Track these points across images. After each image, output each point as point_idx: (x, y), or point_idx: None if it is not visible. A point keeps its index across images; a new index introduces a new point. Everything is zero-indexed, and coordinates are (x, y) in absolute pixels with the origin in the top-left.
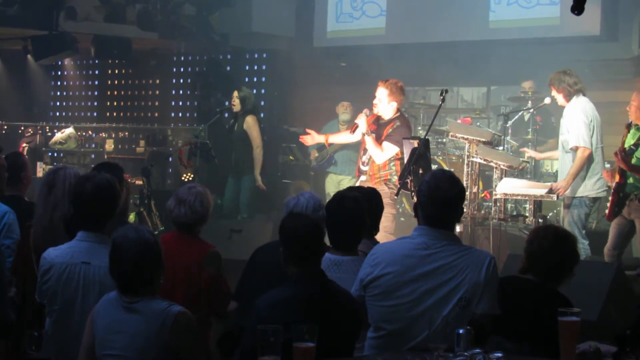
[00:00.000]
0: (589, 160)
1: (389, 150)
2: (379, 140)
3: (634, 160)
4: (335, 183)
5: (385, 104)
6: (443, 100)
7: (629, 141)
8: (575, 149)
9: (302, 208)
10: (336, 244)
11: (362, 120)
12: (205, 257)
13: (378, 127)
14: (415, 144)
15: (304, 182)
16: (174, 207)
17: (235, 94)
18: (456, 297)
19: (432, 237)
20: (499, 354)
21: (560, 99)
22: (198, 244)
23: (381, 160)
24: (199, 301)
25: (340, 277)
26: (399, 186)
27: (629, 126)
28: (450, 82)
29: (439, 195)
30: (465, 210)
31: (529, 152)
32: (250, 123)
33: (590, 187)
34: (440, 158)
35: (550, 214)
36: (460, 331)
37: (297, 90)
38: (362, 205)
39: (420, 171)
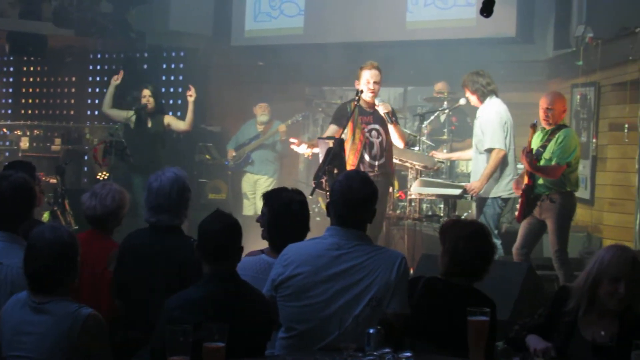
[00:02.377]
0: (503, 161)
1: (404, 133)
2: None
3: (542, 162)
4: (251, 182)
5: (378, 88)
6: (358, 100)
7: (537, 143)
8: (489, 151)
9: (165, 193)
10: (275, 246)
11: (384, 107)
12: (109, 255)
13: (375, 113)
14: (330, 143)
15: (221, 181)
16: (86, 200)
17: (147, 92)
18: (367, 297)
19: (343, 238)
20: (408, 354)
21: (473, 100)
22: (105, 243)
23: (405, 143)
24: (101, 301)
25: None
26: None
27: (534, 126)
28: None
29: (351, 196)
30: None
31: (438, 155)
32: (168, 121)
33: (503, 188)
34: None
35: (465, 214)
36: (371, 331)
37: (214, 89)
38: (307, 210)
39: (335, 171)
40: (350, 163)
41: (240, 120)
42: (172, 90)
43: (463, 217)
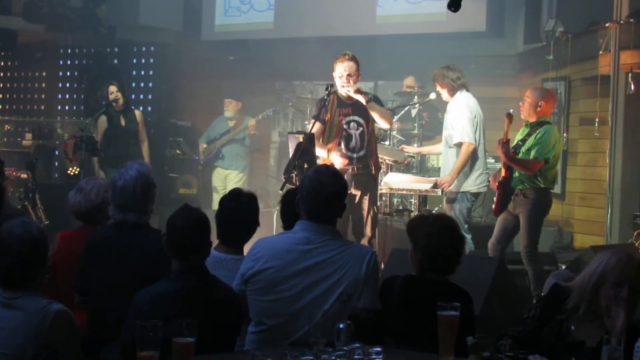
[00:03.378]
0: (472, 155)
1: (387, 113)
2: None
3: (519, 156)
4: (222, 177)
5: (354, 80)
6: (328, 94)
7: (518, 136)
8: (459, 145)
9: (129, 192)
10: (225, 240)
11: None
12: None
13: (354, 105)
14: (300, 138)
15: (191, 176)
16: (72, 197)
17: (114, 87)
18: (337, 292)
19: (313, 232)
20: (378, 348)
21: (444, 94)
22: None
23: (390, 122)
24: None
25: (220, 275)
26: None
27: (509, 116)
28: None
29: (321, 191)
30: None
31: (408, 149)
32: (140, 117)
33: (472, 183)
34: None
35: (436, 209)
36: (341, 326)
37: (185, 84)
38: (257, 204)
39: (305, 166)
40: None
41: (211, 115)
42: (142, 85)
43: (434, 211)
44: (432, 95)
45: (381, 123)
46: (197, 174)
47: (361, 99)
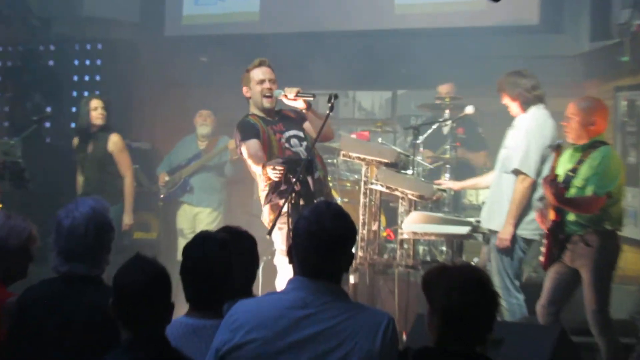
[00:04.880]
0: (529, 191)
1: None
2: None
3: (572, 191)
4: (189, 217)
5: (275, 88)
6: (331, 108)
7: (564, 165)
8: (517, 173)
9: (80, 235)
10: (195, 303)
11: (292, 88)
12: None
13: (283, 117)
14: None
15: (150, 215)
16: None
17: (100, 103)
18: None
19: (311, 292)
20: None
21: (514, 108)
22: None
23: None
24: None
25: (198, 349)
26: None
27: (558, 148)
28: (344, 85)
29: (320, 236)
30: (360, 254)
31: (446, 184)
32: (118, 144)
33: (526, 225)
34: (330, 185)
35: (475, 260)
36: None
37: (143, 93)
38: (230, 251)
39: (301, 202)
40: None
41: (176, 134)
42: (86, 94)
43: (474, 263)
44: (469, 109)
45: (325, 137)
46: (157, 212)
47: (301, 104)
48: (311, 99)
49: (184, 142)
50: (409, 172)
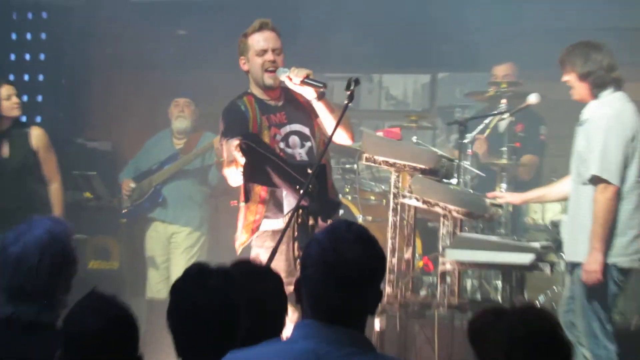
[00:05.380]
0: (619, 204)
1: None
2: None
3: None
4: (162, 239)
5: (281, 60)
6: (351, 97)
7: None
8: (595, 181)
9: (30, 268)
10: (187, 356)
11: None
12: None
13: (288, 105)
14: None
15: (109, 238)
16: None
17: (13, 90)
18: None
19: (326, 342)
20: None
21: (581, 90)
22: None
23: (352, 135)
24: None
25: None
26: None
27: None
28: (367, 67)
29: (339, 267)
30: (389, 290)
31: (503, 197)
32: (43, 139)
33: (621, 250)
34: (348, 198)
35: (543, 297)
36: None
37: (100, 78)
38: (233, 289)
39: (311, 222)
40: (257, 200)
41: (145, 130)
42: (26, 78)
43: (540, 302)
44: (533, 99)
45: (340, 135)
46: (119, 233)
47: (311, 92)
48: (322, 89)
49: (155, 140)
50: (454, 181)
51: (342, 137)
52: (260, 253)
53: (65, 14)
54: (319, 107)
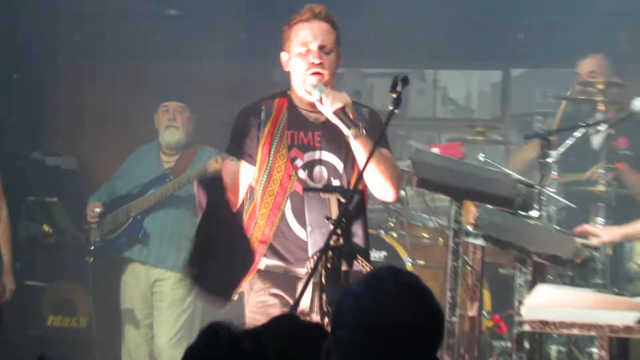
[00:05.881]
0: None
1: (396, 162)
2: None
3: None
4: (144, 286)
5: (335, 60)
6: (397, 102)
7: None
8: None
9: None
10: None
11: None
12: None
13: (325, 125)
14: (334, 200)
15: (74, 286)
16: None
17: None
18: None
19: None
20: None
21: None
22: None
23: (398, 191)
24: None
25: None
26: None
27: None
28: (418, 60)
29: (384, 330)
30: None
31: (599, 234)
32: None
33: None
34: (393, 236)
35: None
36: None
37: (65, 72)
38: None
39: (344, 267)
40: (258, 238)
41: (123, 143)
42: None
43: None
44: (638, 105)
45: (378, 188)
46: (86, 278)
47: (343, 128)
48: (352, 132)
49: (137, 155)
50: (534, 213)
51: (380, 188)
52: (266, 302)
53: None
54: (355, 147)
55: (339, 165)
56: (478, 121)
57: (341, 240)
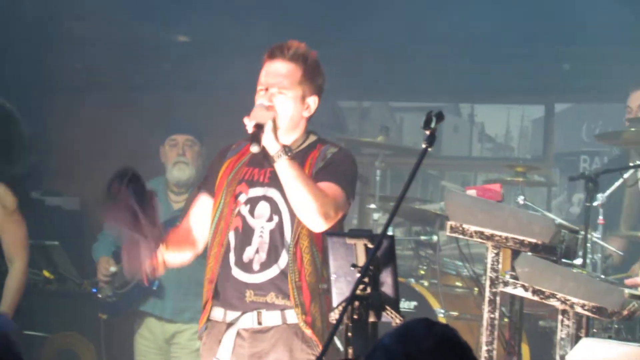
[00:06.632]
0: None
1: (338, 195)
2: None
3: None
4: (161, 341)
5: (290, 102)
6: (431, 138)
7: None
8: None
9: None
10: None
11: (262, 114)
12: None
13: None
14: (362, 245)
15: (82, 341)
16: None
17: None
18: None
19: None
20: None
21: None
22: None
23: (327, 220)
24: None
25: None
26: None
27: None
28: (453, 93)
29: None
30: None
31: None
32: (8, 201)
33: None
34: (424, 284)
35: None
36: None
37: (66, 102)
38: None
39: (371, 319)
40: (208, 278)
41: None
42: None
43: None
44: None
45: (301, 216)
46: (97, 333)
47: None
48: (255, 150)
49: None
50: (578, 262)
51: (303, 216)
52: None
53: (14, 9)
54: (277, 169)
55: (281, 200)
56: (518, 160)
57: (369, 290)
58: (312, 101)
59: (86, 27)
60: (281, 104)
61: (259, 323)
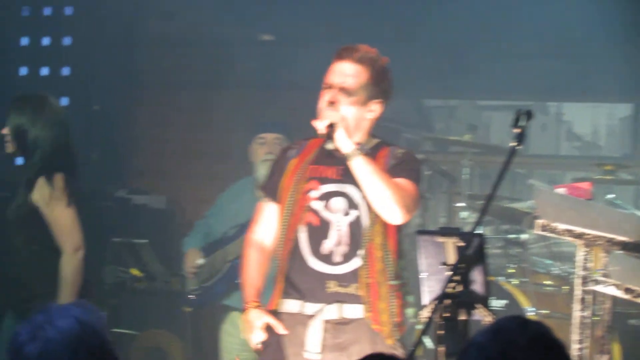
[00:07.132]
0: None
1: (414, 190)
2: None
3: None
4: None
5: (353, 103)
6: (521, 136)
7: None
8: None
9: None
10: None
11: (332, 114)
12: None
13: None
14: (451, 244)
15: (168, 337)
16: None
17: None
18: None
19: None
20: None
21: None
22: None
23: (408, 213)
24: None
25: None
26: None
27: None
28: (539, 92)
29: None
30: None
31: None
32: (42, 190)
33: None
34: (513, 283)
35: None
36: None
37: (151, 102)
38: None
39: (462, 317)
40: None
41: (216, 179)
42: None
43: None
44: None
45: (380, 210)
46: (183, 327)
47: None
48: (331, 147)
49: (233, 192)
50: None
51: (382, 210)
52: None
53: (101, 9)
54: (352, 167)
55: (357, 195)
56: (606, 159)
57: (459, 288)
58: (376, 105)
59: (174, 26)
60: (344, 105)
61: (341, 315)
